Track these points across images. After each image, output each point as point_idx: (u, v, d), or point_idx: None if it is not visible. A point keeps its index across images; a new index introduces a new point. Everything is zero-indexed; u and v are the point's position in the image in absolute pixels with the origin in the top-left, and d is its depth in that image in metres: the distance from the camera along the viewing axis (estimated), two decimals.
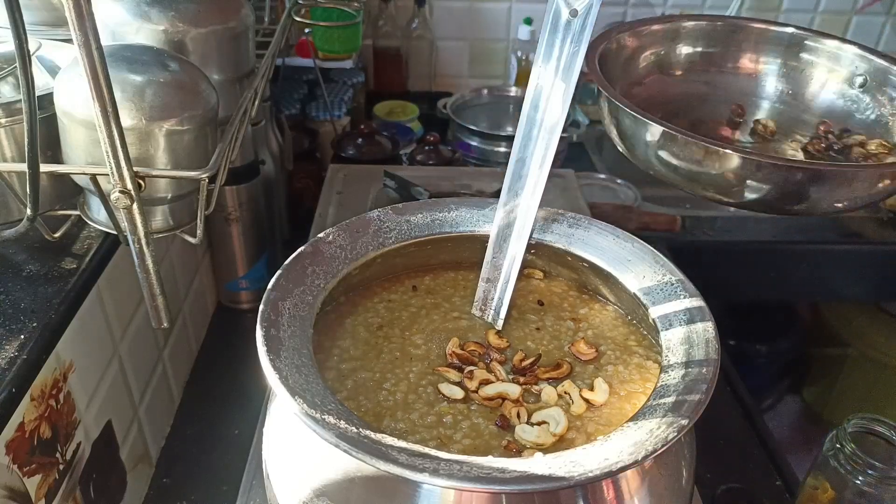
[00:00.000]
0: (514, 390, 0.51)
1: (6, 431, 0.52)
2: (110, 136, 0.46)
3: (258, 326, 0.48)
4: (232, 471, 0.64)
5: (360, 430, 0.41)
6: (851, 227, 1.31)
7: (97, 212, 0.60)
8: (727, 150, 0.58)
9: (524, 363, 0.54)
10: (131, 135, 0.52)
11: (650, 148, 0.63)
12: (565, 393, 0.52)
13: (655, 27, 0.78)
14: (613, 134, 0.68)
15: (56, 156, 0.57)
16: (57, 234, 0.62)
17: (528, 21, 1.62)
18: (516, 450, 0.47)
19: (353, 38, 1.27)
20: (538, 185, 0.58)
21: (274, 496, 0.50)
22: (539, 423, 0.49)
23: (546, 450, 0.46)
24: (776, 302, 1.64)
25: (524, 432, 0.48)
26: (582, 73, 0.55)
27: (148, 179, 0.52)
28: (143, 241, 0.52)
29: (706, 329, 0.50)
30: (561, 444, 0.48)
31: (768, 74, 0.80)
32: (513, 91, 1.58)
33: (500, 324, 0.59)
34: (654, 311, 0.54)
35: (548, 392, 0.52)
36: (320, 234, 0.58)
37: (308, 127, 1.40)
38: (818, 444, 0.61)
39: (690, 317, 0.52)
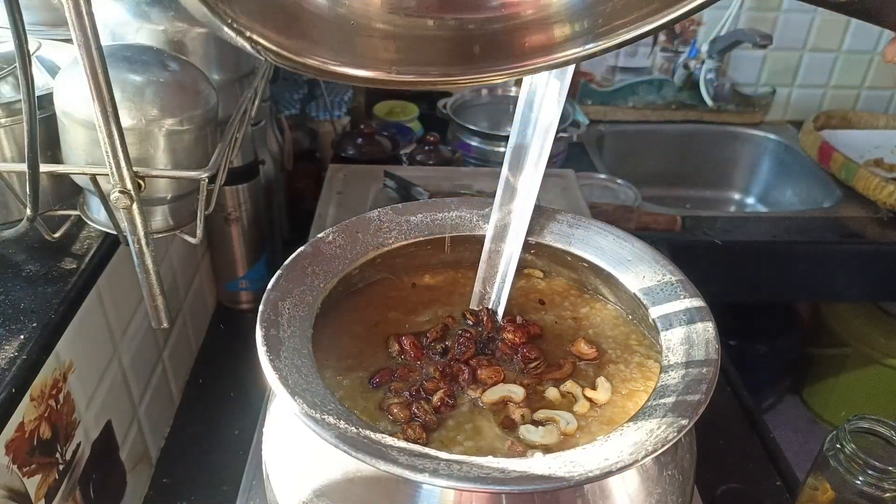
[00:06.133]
0: (518, 392, 0.51)
1: (6, 431, 0.52)
2: (110, 136, 0.46)
3: (258, 326, 0.48)
4: (232, 471, 0.64)
5: (360, 430, 0.41)
6: (851, 227, 1.31)
7: (97, 212, 0.60)
8: None
9: (529, 365, 0.54)
10: (131, 135, 0.52)
11: None
12: (568, 392, 0.52)
13: None
14: None
15: (56, 156, 0.57)
16: (57, 234, 0.62)
17: None
18: (520, 450, 0.47)
19: None
20: (534, 183, 0.58)
21: (274, 496, 0.50)
22: (543, 424, 0.49)
23: (550, 449, 0.46)
24: (776, 302, 1.64)
25: (529, 433, 0.48)
26: (579, 73, 0.55)
27: (148, 179, 0.52)
28: (143, 241, 0.52)
29: (706, 329, 0.50)
30: (566, 443, 0.48)
31: None
32: (513, 91, 1.57)
33: (497, 322, 0.59)
34: (655, 311, 0.54)
35: (551, 392, 0.52)
36: (320, 234, 0.58)
37: (308, 127, 1.40)
38: (818, 444, 0.61)
39: (690, 317, 0.52)
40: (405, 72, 0.46)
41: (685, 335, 0.51)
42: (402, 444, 0.40)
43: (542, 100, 0.55)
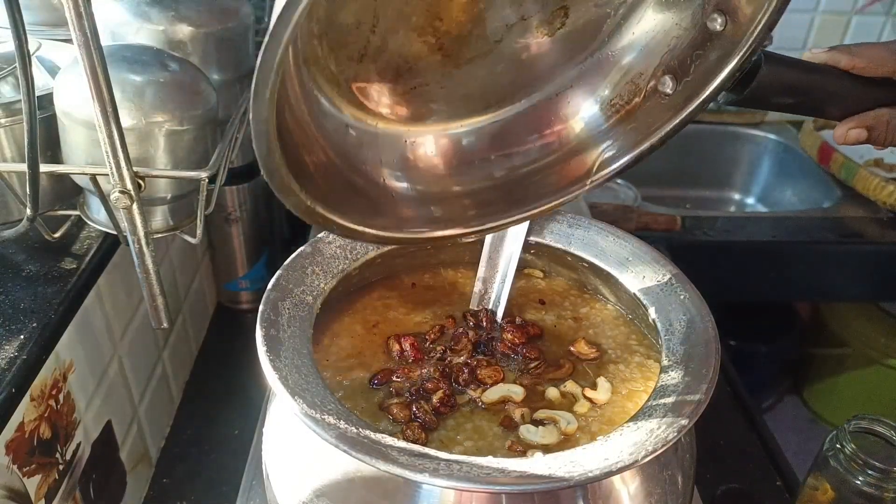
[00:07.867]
0: (518, 392, 0.51)
1: (6, 431, 0.52)
2: (110, 136, 0.46)
3: (258, 326, 0.48)
4: (232, 471, 0.64)
5: (360, 430, 0.41)
6: (851, 227, 1.31)
7: (97, 212, 0.60)
8: None
9: (529, 365, 0.54)
10: (131, 135, 0.52)
11: None
12: (568, 392, 0.52)
13: None
14: None
15: (56, 156, 0.57)
16: (57, 234, 0.62)
17: None
18: (520, 450, 0.47)
19: None
20: None
21: (274, 496, 0.50)
22: (543, 423, 0.49)
23: (550, 449, 0.46)
24: (776, 302, 1.63)
25: (528, 432, 0.48)
26: None
27: (148, 179, 0.52)
28: (143, 241, 0.52)
29: (706, 329, 0.50)
30: (566, 443, 0.48)
31: None
32: None
33: (496, 322, 0.59)
34: (655, 311, 0.54)
35: (551, 392, 0.52)
36: (320, 234, 0.58)
37: None
38: (818, 444, 0.61)
39: (690, 317, 0.52)
40: (479, 223, 0.54)
41: (685, 335, 0.51)
42: (402, 444, 0.40)
43: None
